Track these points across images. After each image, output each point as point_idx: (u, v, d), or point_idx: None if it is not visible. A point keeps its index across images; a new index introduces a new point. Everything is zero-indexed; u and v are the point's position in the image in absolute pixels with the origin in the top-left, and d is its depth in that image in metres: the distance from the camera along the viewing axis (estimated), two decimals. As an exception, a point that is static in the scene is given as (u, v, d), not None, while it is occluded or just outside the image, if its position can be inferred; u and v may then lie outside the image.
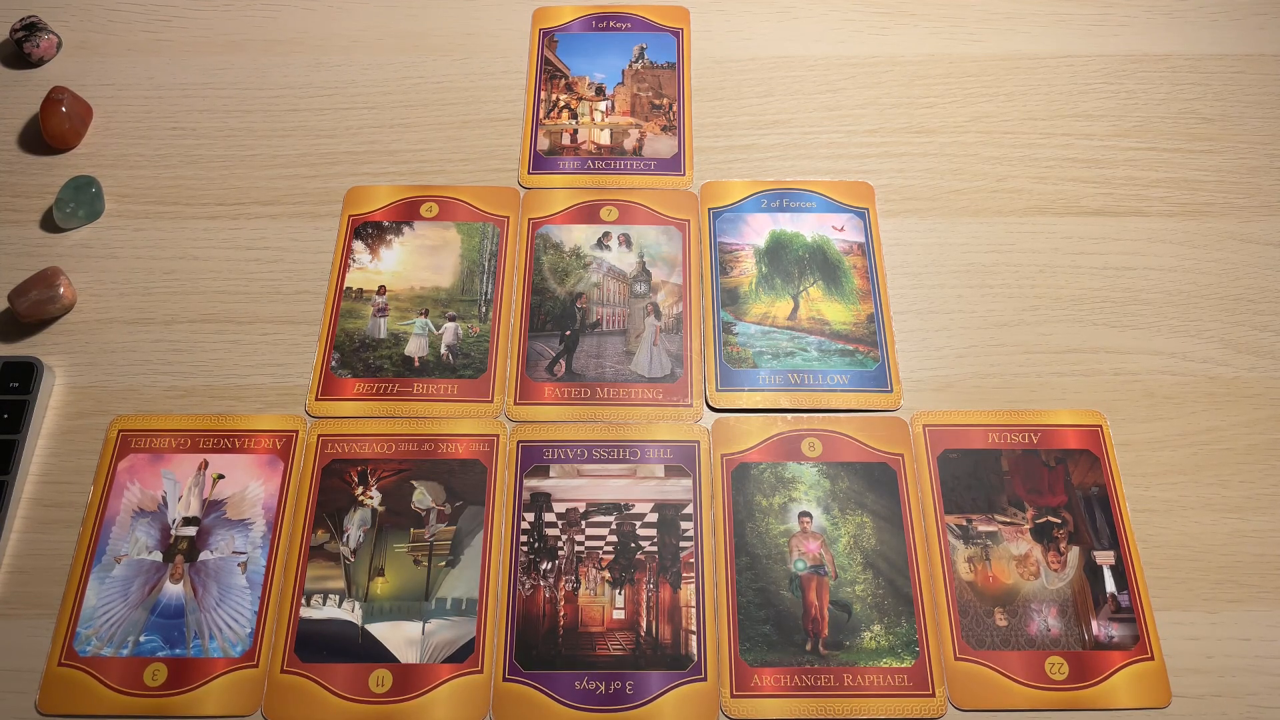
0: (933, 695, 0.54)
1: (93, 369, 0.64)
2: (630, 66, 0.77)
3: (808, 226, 0.69)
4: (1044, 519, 0.59)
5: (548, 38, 0.78)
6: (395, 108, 0.74)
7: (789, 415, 0.62)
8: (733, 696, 0.54)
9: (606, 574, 0.58)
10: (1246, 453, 0.61)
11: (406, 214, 0.70)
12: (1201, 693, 0.54)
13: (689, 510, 0.59)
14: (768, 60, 0.77)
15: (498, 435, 0.61)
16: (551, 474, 0.60)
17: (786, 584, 0.57)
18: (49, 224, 0.70)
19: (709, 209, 0.70)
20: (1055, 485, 0.60)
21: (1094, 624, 0.56)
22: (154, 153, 0.73)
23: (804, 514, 0.59)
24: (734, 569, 0.58)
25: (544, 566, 0.58)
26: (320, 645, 0.56)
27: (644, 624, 0.56)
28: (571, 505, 0.59)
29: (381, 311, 0.66)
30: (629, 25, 0.78)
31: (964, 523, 0.59)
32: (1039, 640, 0.56)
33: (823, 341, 0.65)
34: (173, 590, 0.57)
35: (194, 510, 0.59)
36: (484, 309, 0.66)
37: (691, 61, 0.77)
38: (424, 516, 0.59)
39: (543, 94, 0.75)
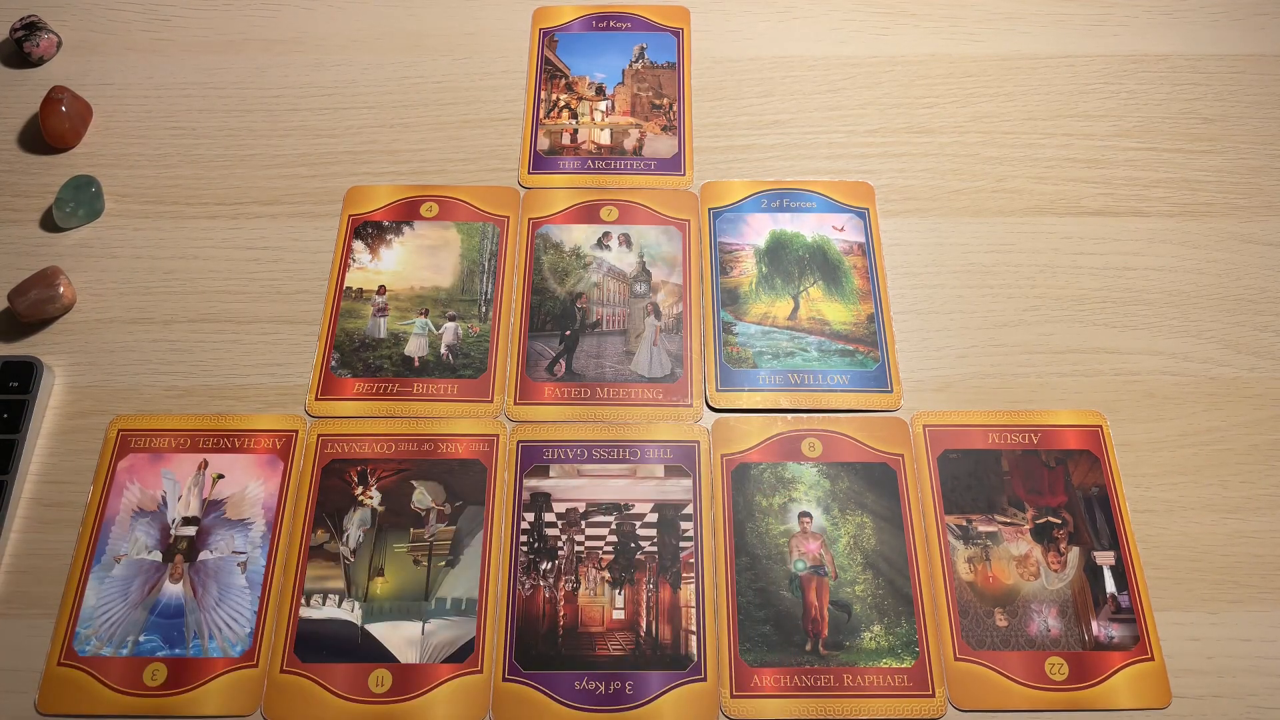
0: (933, 695, 0.54)
1: (92, 369, 0.64)
2: (630, 66, 0.77)
3: (808, 226, 0.69)
4: (1044, 519, 0.59)
5: (548, 37, 0.78)
6: (395, 108, 0.74)
7: (789, 415, 0.62)
8: (733, 697, 0.54)
9: (606, 574, 0.58)
10: (1247, 453, 0.61)
11: (406, 214, 0.69)
12: (1201, 693, 0.54)
13: (689, 510, 0.59)
14: (768, 60, 0.77)
15: (498, 435, 0.61)
16: (551, 474, 0.60)
17: (786, 584, 0.57)
18: (49, 224, 0.70)
19: (709, 209, 0.70)
20: (1055, 485, 0.60)
21: (1094, 624, 0.56)
22: (154, 152, 0.73)
23: (804, 514, 0.59)
24: (734, 569, 0.57)
25: (544, 566, 0.58)
26: (320, 645, 0.55)
27: (644, 624, 0.56)
28: (571, 505, 0.59)
29: (381, 311, 0.66)
30: (629, 25, 0.78)
31: (964, 523, 0.59)
32: (1039, 640, 0.55)
33: (823, 341, 0.65)
34: (172, 590, 0.57)
35: (194, 510, 0.59)
36: (484, 309, 0.66)
37: (691, 61, 0.77)
38: (424, 516, 0.59)
39: (543, 94, 0.75)
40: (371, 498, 0.60)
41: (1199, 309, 0.66)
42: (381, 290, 0.67)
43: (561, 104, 0.75)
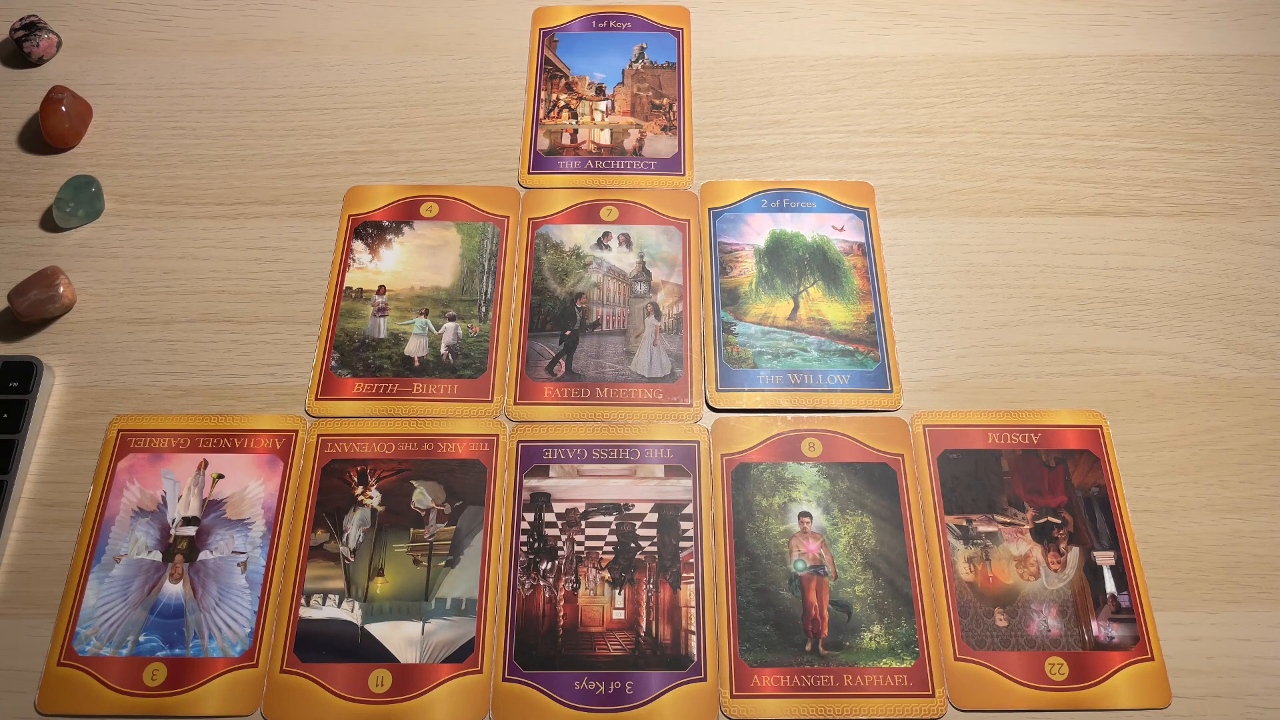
0: (933, 696, 0.54)
1: (92, 369, 0.64)
2: (630, 66, 0.77)
3: (808, 226, 0.69)
4: (1044, 519, 0.59)
5: (548, 37, 0.78)
6: (395, 108, 0.74)
7: (789, 415, 0.62)
8: (732, 697, 0.54)
9: (606, 574, 0.58)
10: (1246, 453, 0.61)
11: (406, 214, 0.70)
12: (1201, 693, 0.54)
13: (689, 510, 0.59)
14: (768, 60, 0.77)
15: (497, 435, 0.61)
16: (551, 474, 0.60)
17: (786, 584, 0.57)
18: (49, 224, 0.70)
19: (709, 209, 0.70)
20: (1055, 485, 0.60)
21: (1094, 624, 0.56)
22: (154, 152, 0.73)
23: (804, 514, 0.59)
24: (734, 569, 0.57)
25: (544, 566, 0.58)
26: (320, 645, 0.55)
27: (644, 624, 0.56)
28: (571, 505, 0.59)
29: (381, 311, 0.66)
30: (629, 25, 0.78)
31: (964, 523, 0.59)
32: (1039, 641, 0.55)
33: (823, 341, 0.65)
34: (172, 590, 0.57)
35: (194, 510, 0.59)
36: (484, 309, 0.66)
37: (691, 61, 0.77)
38: (424, 516, 0.59)
39: (543, 94, 0.75)
40: (371, 498, 0.60)
41: (1199, 309, 0.66)
42: (381, 290, 0.67)
43: (561, 104, 0.75)
